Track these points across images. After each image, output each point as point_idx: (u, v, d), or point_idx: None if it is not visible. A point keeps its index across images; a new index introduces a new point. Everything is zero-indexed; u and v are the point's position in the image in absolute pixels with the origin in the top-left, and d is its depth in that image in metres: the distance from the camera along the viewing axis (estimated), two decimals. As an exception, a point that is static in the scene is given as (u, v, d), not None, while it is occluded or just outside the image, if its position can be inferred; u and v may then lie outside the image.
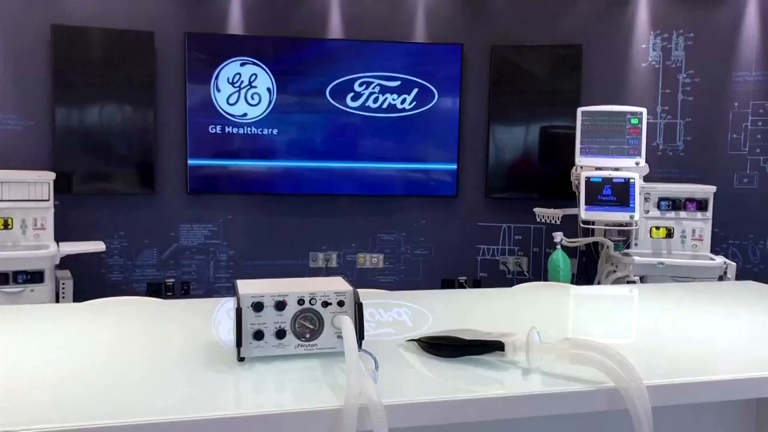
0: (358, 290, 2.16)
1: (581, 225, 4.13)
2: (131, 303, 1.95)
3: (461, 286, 4.96)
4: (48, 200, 3.92)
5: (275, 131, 4.56)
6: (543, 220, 4.32)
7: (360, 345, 1.33)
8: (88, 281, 4.35)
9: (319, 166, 4.64)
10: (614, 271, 4.17)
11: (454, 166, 4.77)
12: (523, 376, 1.25)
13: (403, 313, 1.72)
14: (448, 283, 4.95)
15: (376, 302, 1.87)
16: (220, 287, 4.69)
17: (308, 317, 1.31)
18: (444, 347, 1.34)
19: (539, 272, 5.02)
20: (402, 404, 1.11)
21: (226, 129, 4.51)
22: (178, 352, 1.37)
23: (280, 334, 1.29)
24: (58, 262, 3.84)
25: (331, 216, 4.80)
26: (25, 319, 1.63)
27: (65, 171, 4.25)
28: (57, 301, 3.93)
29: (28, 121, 4.26)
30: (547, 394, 1.17)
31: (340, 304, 1.32)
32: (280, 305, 1.29)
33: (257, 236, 4.71)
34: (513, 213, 4.94)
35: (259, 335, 1.28)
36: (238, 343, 1.26)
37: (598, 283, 4.32)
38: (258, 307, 1.28)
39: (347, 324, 1.24)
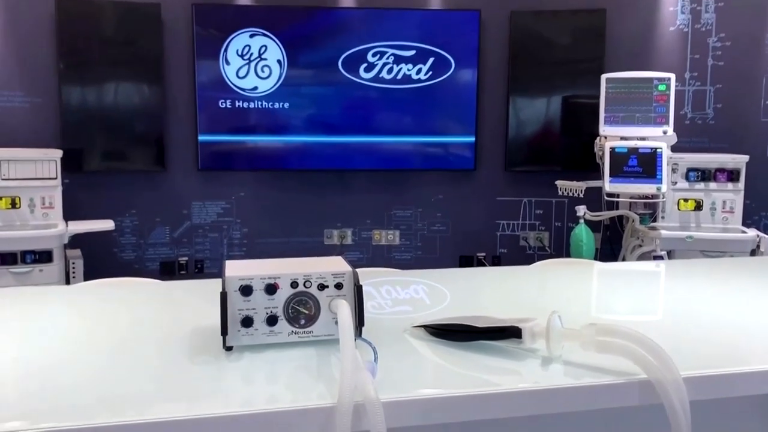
0: (372, 269, 2.05)
1: (605, 198, 3.95)
2: (123, 285, 1.84)
3: (480, 262, 4.82)
4: (55, 179, 3.83)
5: (286, 105, 4.41)
6: (565, 194, 4.15)
7: (360, 332, 1.20)
8: (100, 260, 4.27)
9: (332, 141, 4.50)
10: (640, 246, 4.00)
11: (472, 139, 4.60)
12: (543, 366, 1.12)
13: (421, 291, 1.62)
14: (467, 260, 4.81)
15: (393, 279, 1.77)
16: (234, 265, 4.60)
17: (302, 301, 1.18)
18: (455, 333, 1.21)
19: (561, 247, 4.85)
20: (402, 401, 0.98)
21: (237, 103, 4.38)
22: (161, 339, 1.25)
23: (272, 320, 1.16)
24: (66, 241, 3.76)
25: (346, 192, 4.67)
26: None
27: (74, 149, 4.16)
28: (67, 281, 3.86)
29: (34, 98, 4.16)
30: (571, 388, 1.03)
31: (338, 286, 1.19)
32: (271, 288, 1.16)
33: (270, 213, 4.60)
34: (534, 186, 4.77)
35: (247, 322, 1.15)
36: (224, 331, 1.14)
37: (623, 259, 4.15)
38: (246, 290, 1.15)
39: (343, 310, 1.11)
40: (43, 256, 3.64)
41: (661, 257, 3.79)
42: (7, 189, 3.73)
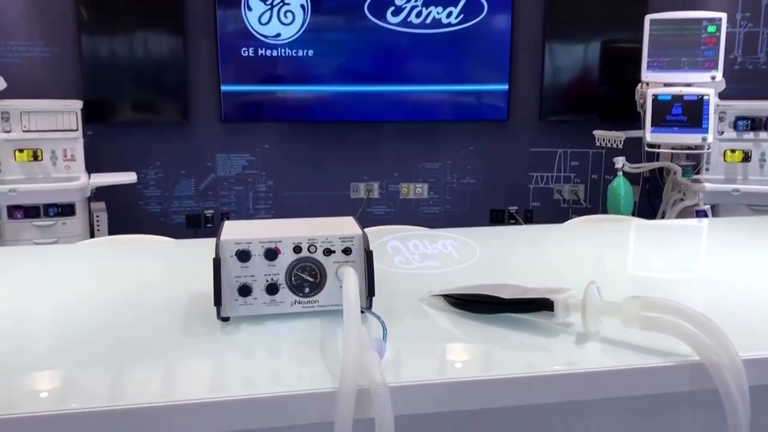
0: (398, 227, 1.92)
1: (646, 149, 3.73)
2: (129, 243, 1.74)
3: (511, 216, 4.65)
4: (76, 130, 3.75)
5: (310, 52, 4.23)
6: (603, 144, 3.93)
7: (370, 304, 1.07)
8: (125, 213, 4.23)
9: (357, 90, 4.32)
10: (681, 200, 3.78)
11: (506, 87, 4.37)
12: (578, 344, 0.98)
13: (449, 245, 1.54)
14: (498, 214, 4.64)
15: (421, 234, 1.68)
16: (260, 218, 4.52)
17: (307, 268, 1.05)
18: (478, 304, 1.08)
19: (597, 201, 4.65)
20: (413, 386, 0.85)
21: (259, 51, 4.21)
22: (153, 306, 1.15)
23: (272, 288, 1.04)
24: (89, 194, 3.71)
25: (372, 144, 4.51)
26: None
27: (95, 100, 4.07)
28: (91, 234, 3.82)
29: (54, 47, 4.06)
30: (612, 371, 0.90)
31: (346, 251, 1.06)
32: (272, 254, 1.04)
33: (295, 166, 4.48)
34: (570, 137, 4.54)
35: (245, 290, 1.03)
36: (217, 301, 1.02)
37: (663, 214, 3.95)
38: (244, 256, 1.03)
39: (349, 278, 0.98)
40: (66, 210, 3.59)
41: (703, 212, 3.58)
42: (29, 141, 3.67)
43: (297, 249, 1.05)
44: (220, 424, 0.80)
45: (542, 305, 1.02)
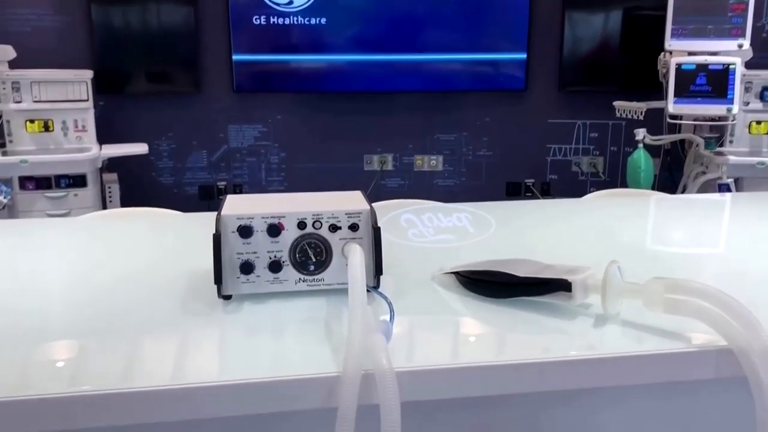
0: (412, 201, 1.87)
1: (668, 120, 3.62)
2: (135, 216, 1.71)
3: (528, 189, 4.57)
4: (87, 100, 3.71)
5: (323, 20, 4.14)
6: (623, 116, 3.82)
7: (377, 283, 1.02)
8: (138, 185, 4.21)
9: (372, 59, 4.23)
10: (704, 173, 3.68)
11: (524, 56, 4.26)
12: (596, 327, 0.93)
13: (464, 219, 1.51)
14: (514, 187, 4.56)
15: (435, 206, 1.65)
16: (273, 190, 4.48)
17: (312, 245, 1.01)
18: (491, 285, 1.02)
19: (616, 174, 4.55)
20: (422, 370, 0.81)
21: (271, 19, 4.12)
22: (154, 281, 1.11)
23: (275, 266, 1.00)
24: (100, 165, 3.68)
25: (386, 115, 4.43)
26: None
27: (107, 70, 4.02)
28: (104, 205, 3.81)
29: (65, 16, 4.00)
30: (634, 356, 0.84)
31: (353, 227, 1.01)
32: (275, 230, 0.99)
33: (308, 137, 4.42)
34: (589, 108, 4.43)
35: (247, 268, 0.99)
36: (217, 279, 0.98)
37: (684, 187, 3.85)
38: (246, 231, 0.98)
39: (355, 256, 0.93)
40: (78, 181, 3.57)
41: (727, 186, 3.49)
42: (39, 112, 3.63)
43: (301, 225, 1.00)
44: (216, 408, 0.76)
45: (559, 286, 0.96)
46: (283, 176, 4.45)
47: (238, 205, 1.04)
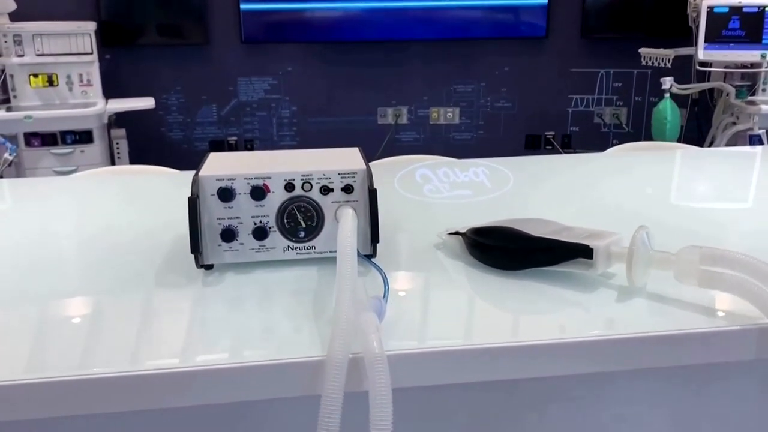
0: (426, 156, 1.76)
1: (697, 68, 3.43)
2: (132, 174, 1.61)
3: (548, 142, 4.41)
4: (91, 53, 3.60)
5: (334, -34, 3.95)
6: (649, 64, 3.63)
7: (373, 251, 0.92)
8: (148, 141, 4.12)
9: (385, 7, 4.04)
10: (734, 123, 3.50)
11: (545, 1, 4.05)
12: (621, 301, 0.82)
13: (481, 173, 1.45)
14: (533, 140, 4.40)
15: (451, 162, 1.59)
16: (285, 146, 4.36)
17: (302, 209, 0.90)
18: (501, 253, 0.91)
19: (640, 126, 4.37)
20: (417, 353, 0.71)
21: (280, -34, 3.95)
22: (132, 248, 1.01)
23: (260, 232, 0.90)
24: (106, 120, 3.59)
25: (400, 65, 4.26)
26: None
27: (112, 22, 3.90)
28: (112, 161, 3.74)
29: (67, -36, 3.86)
30: (661, 336, 0.74)
31: (347, 189, 0.90)
32: (259, 192, 0.88)
33: (320, 90, 4.27)
34: (613, 56, 4.22)
35: (229, 235, 0.89)
36: (194, 248, 0.88)
37: (713, 139, 3.67)
38: (226, 194, 0.88)
39: (345, 222, 0.83)
40: (84, 137, 3.49)
41: (758, 137, 3.31)
42: (43, 66, 3.53)
43: (289, 187, 0.89)
44: (178, 398, 0.68)
45: (579, 252, 0.85)
46: (294, 131, 4.33)
47: (220, 165, 0.93)
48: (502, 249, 0.91)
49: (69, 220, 1.19)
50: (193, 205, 0.86)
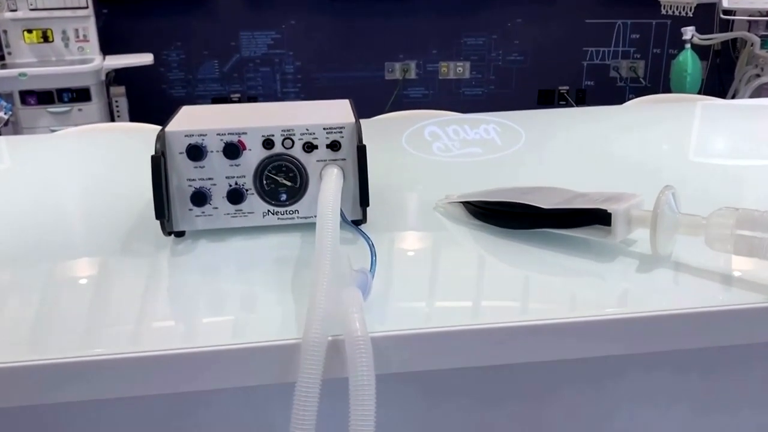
0: (435, 112, 1.65)
1: (720, 17, 3.25)
2: (118, 131, 1.51)
3: (562, 97, 4.25)
4: (87, 8, 3.47)
5: None
6: (669, 13, 3.45)
7: (363, 216, 0.82)
8: (148, 98, 4.01)
9: (391, -45, 3.86)
10: (758, 75, 3.34)
11: (559, -52, 3.85)
12: (642, 271, 0.72)
13: (492, 131, 1.37)
14: (546, 95, 4.24)
15: (461, 118, 1.50)
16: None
17: (283, 168, 0.80)
18: (508, 215, 0.81)
19: (658, 80, 4.20)
20: (405, 335, 0.61)
21: None
22: (99, 212, 0.92)
23: (236, 195, 0.80)
24: (104, 77, 3.48)
25: (408, 17, 4.08)
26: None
27: (107, -27, 3.75)
28: (112, 119, 3.64)
29: None
30: (688, 314, 0.64)
31: (333, 146, 0.80)
32: (233, 149, 0.78)
33: (325, 44, 4.12)
34: (631, 5, 4.03)
35: (200, 198, 0.79)
36: (159, 213, 0.78)
37: (735, 92, 3.51)
38: (196, 152, 0.78)
39: (329, 183, 0.73)
40: (81, 95, 3.38)
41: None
42: (37, 21, 3.41)
43: (268, 143, 0.79)
44: (131, 387, 0.59)
45: (595, 217, 0.75)
46: (299, 87, 4.20)
47: (190, 119, 0.83)
48: (511, 213, 0.81)
49: (42, 182, 1.10)
50: (157, 164, 0.76)
